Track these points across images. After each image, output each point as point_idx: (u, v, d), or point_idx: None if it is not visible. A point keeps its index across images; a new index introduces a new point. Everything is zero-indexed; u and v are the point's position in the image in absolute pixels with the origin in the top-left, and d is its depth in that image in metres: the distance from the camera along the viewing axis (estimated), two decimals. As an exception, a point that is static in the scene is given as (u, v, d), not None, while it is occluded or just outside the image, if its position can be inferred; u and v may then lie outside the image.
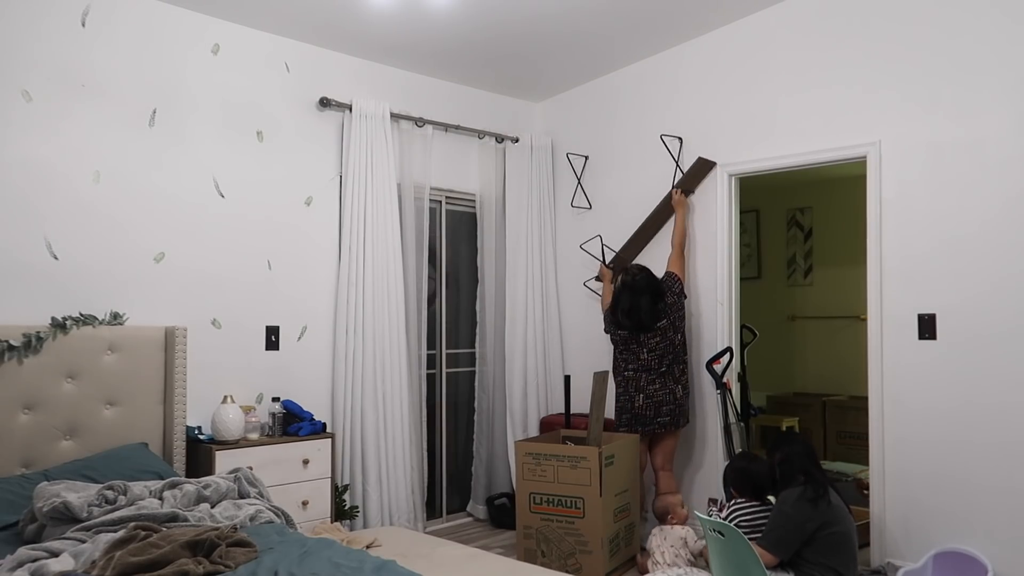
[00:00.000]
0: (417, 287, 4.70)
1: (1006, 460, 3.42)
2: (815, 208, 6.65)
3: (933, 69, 3.68)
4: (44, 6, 3.46)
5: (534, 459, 4.04)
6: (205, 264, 3.92)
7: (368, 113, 4.44)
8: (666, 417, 4.26)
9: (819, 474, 3.26)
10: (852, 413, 5.84)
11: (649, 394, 4.27)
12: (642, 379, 4.28)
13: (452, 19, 4.15)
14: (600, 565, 3.87)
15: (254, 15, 4.01)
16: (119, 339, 3.51)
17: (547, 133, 5.46)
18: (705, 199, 4.57)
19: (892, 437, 3.78)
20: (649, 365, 4.28)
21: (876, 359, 3.84)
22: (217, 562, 2.41)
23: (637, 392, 4.28)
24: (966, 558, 3.44)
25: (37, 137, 3.42)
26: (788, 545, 3.12)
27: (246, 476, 3.28)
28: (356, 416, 4.31)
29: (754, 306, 6.03)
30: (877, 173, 3.85)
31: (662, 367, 4.27)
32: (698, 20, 4.44)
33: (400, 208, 4.60)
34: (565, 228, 5.38)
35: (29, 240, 3.39)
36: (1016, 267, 3.43)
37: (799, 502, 3.14)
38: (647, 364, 4.28)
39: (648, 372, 4.28)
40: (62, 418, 3.33)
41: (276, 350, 4.16)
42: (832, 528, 3.11)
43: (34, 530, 2.72)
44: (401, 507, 4.43)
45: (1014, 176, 3.44)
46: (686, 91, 4.70)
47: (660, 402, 4.25)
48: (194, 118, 3.91)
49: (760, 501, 3.50)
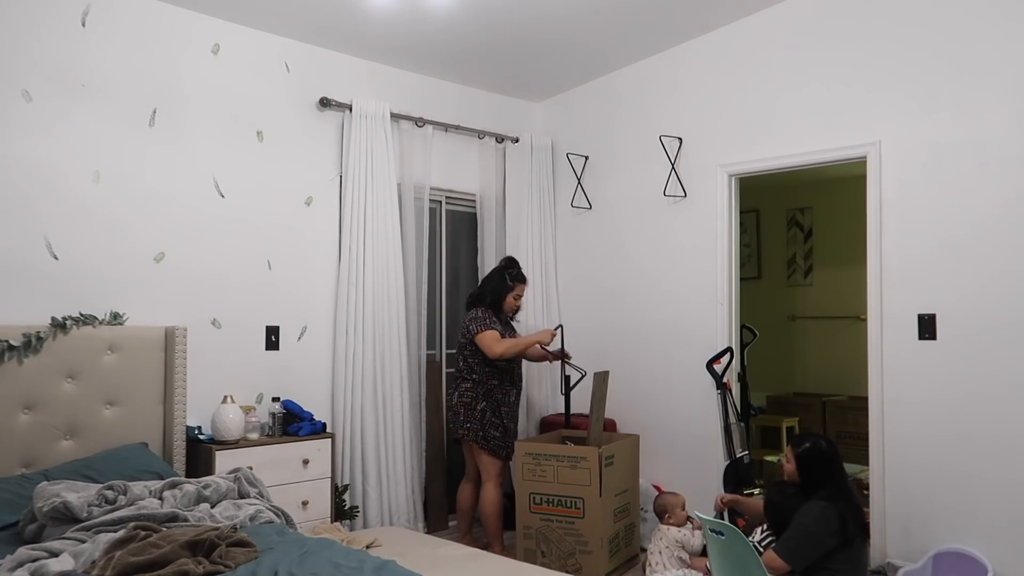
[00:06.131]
0: (417, 287, 4.70)
1: (1006, 460, 3.42)
2: (815, 208, 6.65)
3: (933, 69, 3.68)
4: (44, 6, 3.46)
5: (534, 459, 4.04)
6: (205, 264, 3.92)
7: (368, 113, 4.44)
8: (451, 423, 4.28)
9: (843, 482, 3.18)
10: (852, 413, 5.84)
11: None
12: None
13: (452, 19, 4.15)
14: (600, 565, 3.87)
15: (254, 15, 4.01)
16: (119, 339, 3.51)
17: (547, 133, 5.46)
18: (705, 199, 4.57)
19: (892, 437, 3.78)
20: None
21: (876, 359, 3.84)
22: (217, 562, 2.41)
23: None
24: (966, 558, 3.44)
25: (37, 137, 3.42)
26: (804, 557, 3.03)
27: (246, 476, 3.28)
28: (356, 416, 4.31)
29: (754, 306, 6.02)
30: (877, 173, 3.85)
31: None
32: (698, 20, 4.44)
33: (400, 208, 4.60)
34: (565, 228, 5.38)
35: (29, 240, 3.39)
36: (1016, 267, 3.43)
37: (822, 518, 3.03)
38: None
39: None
40: (62, 418, 3.33)
41: (276, 350, 4.16)
42: (852, 545, 3.05)
43: (34, 530, 2.72)
44: (401, 507, 4.43)
45: (1014, 176, 3.44)
46: (686, 91, 4.70)
47: (447, 406, 4.32)
48: (194, 118, 3.91)
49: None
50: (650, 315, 4.83)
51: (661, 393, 4.74)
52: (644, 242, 4.89)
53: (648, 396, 4.81)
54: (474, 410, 4.20)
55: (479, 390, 4.22)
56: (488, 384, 4.23)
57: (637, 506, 4.35)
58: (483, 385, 4.23)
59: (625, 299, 4.98)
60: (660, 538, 3.79)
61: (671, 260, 4.73)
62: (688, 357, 4.55)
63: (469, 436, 4.19)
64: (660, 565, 3.71)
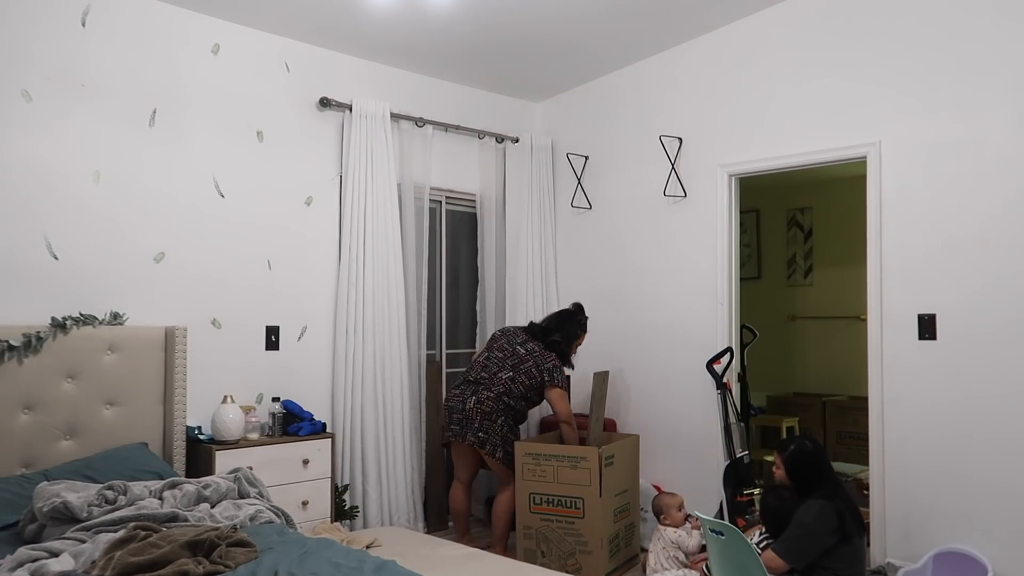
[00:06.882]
0: (417, 287, 4.70)
1: (1006, 460, 3.42)
2: (815, 208, 6.65)
3: (933, 69, 3.68)
4: (44, 6, 3.46)
5: (534, 459, 4.04)
6: (205, 264, 3.92)
7: (368, 113, 4.44)
8: (456, 426, 4.19)
9: (835, 480, 3.20)
10: (852, 413, 5.84)
11: (450, 398, 4.28)
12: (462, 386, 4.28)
13: (452, 19, 4.15)
14: (600, 565, 3.87)
15: (254, 15, 4.01)
16: (119, 339, 3.51)
17: (547, 133, 5.46)
18: (705, 199, 4.57)
19: (892, 437, 3.78)
20: (479, 375, 4.25)
21: (876, 359, 3.84)
22: (217, 562, 2.41)
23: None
24: (966, 558, 3.44)
25: (37, 137, 3.42)
26: (804, 555, 3.04)
27: (246, 476, 3.28)
28: (356, 416, 4.31)
29: (754, 306, 6.02)
30: (877, 173, 3.84)
31: (481, 376, 4.23)
32: (698, 20, 4.44)
33: (400, 208, 4.60)
34: (565, 228, 5.38)
35: (29, 240, 3.39)
36: (1017, 267, 3.43)
37: (821, 516, 3.04)
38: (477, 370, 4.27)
39: (468, 383, 4.25)
40: (62, 418, 3.33)
41: (276, 350, 4.16)
42: (850, 542, 3.06)
43: (34, 530, 2.72)
44: (401, 507, 4.43)
45: (1015, 176, 3.44)
46: (686, 91, 4.70)
47: (452, 408, 4.22)
48: (194, 118, 3.91)
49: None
50: (650, 315, 4.83)
51: (661, 393, 4.74)
52: (644, 242, 4.89)
53: (648, 396, 4.81)
54: (494, 423, 4.14)
55: (500, 404, 4.17)
56: (517, 408, 4.25)
57: (637, 506, 4.35)
58: (512, 410, 4.22)
59: (625, 299, 4.98)
60: (658, 538, 3.80)
61: (671, 260, 4.73)
62: (688, 357, 4.55)
63: (486, 448, 4.11)
64: (659, 565, 3.72)
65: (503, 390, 4.17)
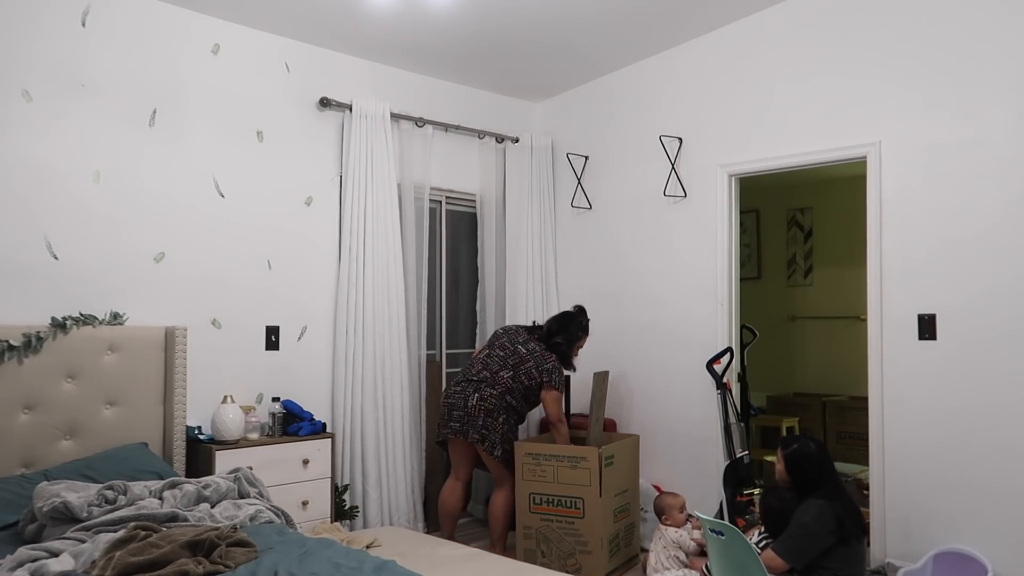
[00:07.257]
0: (417, 287, 4.70)
1: (1006, 460, 3.42)
2: (815, 208, 6.65)
3: (934, 69, 3.67)
4: (44, 6, 3.46)
5: (534, 459, 4.04)
6: (205, 264, 3.92)
7: (368, 113, 4.44)
8: (456, 423, 4.15)
9: (836, 481, 3.21)
10: (852, 413, 5.84)
11: (450, 395, 4.25)
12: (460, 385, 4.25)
13: (452, 19, 4.15)
14: (600, 565, 3.87)
15: (254, 15, 4.01)
16: (119, 339, 3.51)
17: (547, 133, 5.46)
18: (705, 199, 4.57)
19: (892, 437, 3.78)
20: (479, 372, 4.23)
21: (876, 359, 3.83)
22: (217, 562, 2.41)
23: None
24: (966, 558, 3.44)
25: (37, 137, 3.42)
26: (804, 555, 3.04)
27: (246, 476, 3.28)
28: (356, 416, 4.31)
29: (754, 306, 6.02)
30: (877, 173, 3.84)
31: (482, 375, 4.21)
32: (698, 20, 4.44)
33: (400, 208, 4.60)
34: (565, 228, 5.38)
35: (29, 240, 3.39)
36: (1017, 268, 3.42)
37: (821, 516, 3.04)
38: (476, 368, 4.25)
39: (468, 381, 4.23)
40: (62, 418, 3.33)
41: (276, 350, 4.16)
42: (849, 544, 3.06)
43: (34, 530, 2.72)
44: (401, 507, 4.43)
45: (1015, 176, 3.44)
46: (686, 91, 4.70)
47: (453, 405, 4.19)
48: (194, 118, 3.91)
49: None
50: (650, 315, 4.83)
51: (661, 393, 4.74)
52: (644, 242, 4.88)
53: (648, 396, 4.81)
54: (496, 420, 4.13)
55: (503, 402, 4.16)
56: (519, 408, 4.25)
57: (637, 506, 4.35)
58: (513, 409, 4.22)
59: (625, 299, 4.98)
60: (659, 538, 3.80)
61: (671, 260, 4.73)
62: (688, 357, 4.55)
63: (485, 445, 4.10)
64: (659, 565, 3.72)
65: (505, 389, 4.17)
